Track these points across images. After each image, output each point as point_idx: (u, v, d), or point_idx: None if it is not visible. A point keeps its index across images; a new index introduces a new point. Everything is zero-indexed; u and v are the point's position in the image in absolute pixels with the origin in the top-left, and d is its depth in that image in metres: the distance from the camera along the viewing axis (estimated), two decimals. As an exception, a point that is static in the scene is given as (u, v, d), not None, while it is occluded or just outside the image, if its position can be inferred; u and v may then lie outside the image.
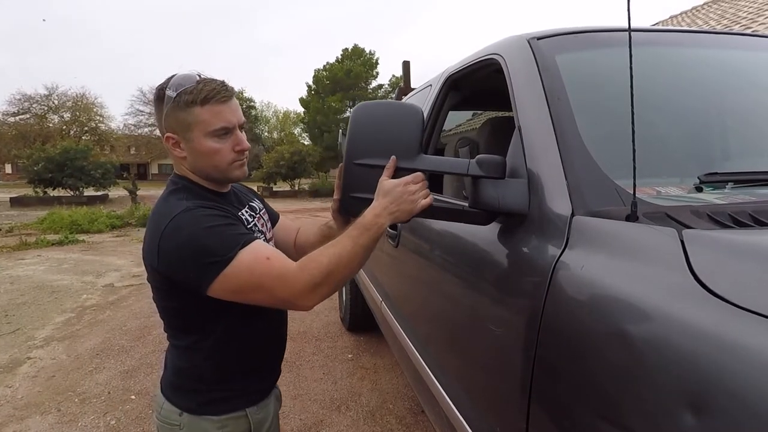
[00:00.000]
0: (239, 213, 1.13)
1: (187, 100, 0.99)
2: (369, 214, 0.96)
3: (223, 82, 1.04)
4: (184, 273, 0.96)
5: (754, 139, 1.28)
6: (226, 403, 1.11)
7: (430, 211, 1.13)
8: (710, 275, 0.62)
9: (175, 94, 0.99)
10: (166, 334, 1.16)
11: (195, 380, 1.11)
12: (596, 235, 0.84)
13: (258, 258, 0.94)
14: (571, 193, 0.93)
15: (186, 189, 1.06)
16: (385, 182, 0.99)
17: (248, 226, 1.13)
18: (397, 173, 1.02)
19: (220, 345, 1.09)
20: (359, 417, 2.65)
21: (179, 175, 1.11)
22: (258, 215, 1.23)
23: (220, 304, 0.99)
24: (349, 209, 1.08)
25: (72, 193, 18.91)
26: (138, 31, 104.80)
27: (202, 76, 1.02)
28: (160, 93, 1.03)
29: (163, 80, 1.04)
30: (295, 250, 1.32)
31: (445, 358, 1.43)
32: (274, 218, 1.39)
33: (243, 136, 1.08)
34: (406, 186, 0.98)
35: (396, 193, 0.97)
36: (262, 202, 1.35)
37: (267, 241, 1.23)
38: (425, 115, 2.07)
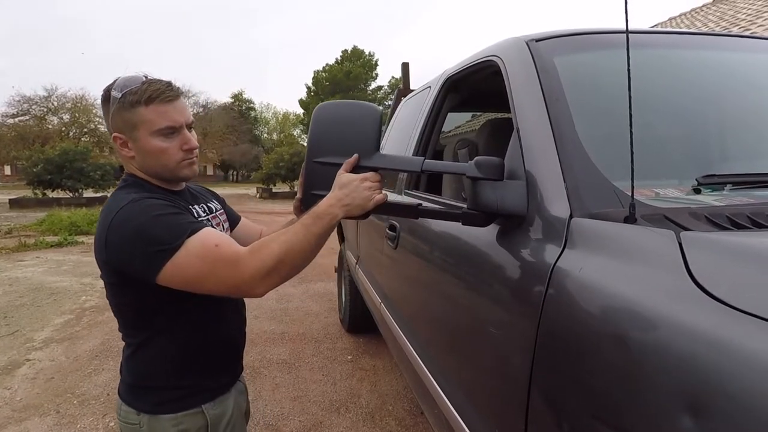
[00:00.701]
0: (190, 207, 1.13)
1: (132, 101, 1.00)
2: (323, 203, 0.98)
3: (169, 83, 1.05)
4: (132, 263, 0.96)
5: (753, 140, 1.28)
6: (180, 401, 1.10)
7: (430, 213, 1.14)
8: (708, 277, 0.62)
9: (120, 94, 1.00)
10: (120, 335, 1.15)
11: (147, 379, 1.10)
12: (594, 237, 0.84)
13: (206, 245, 0.94)
14: (570, 194, 0.93)
15: (136, 185, 1.07)
16: (343, 176, 1.00)
17: (199, 220, 1.12)
18: (356, 171, 1.04)
19: (173, 340, 1.09)
20: (358, 418, 2.65)
21: (130, 173, 1.11)
22: (213, 214, 1.23)
23: (171, 298, 1.00)
24: (309, 206, 1.08)
25: (71, 194, 18.89)
26: (138, 32, 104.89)
27: (148, 77, 1.03)
28: (107, 94, 1.03)
29: (110, 82, 1.04)
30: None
31: (444, 359, 1.43)
32: (234, 220, 1.38)
33: (191, 135, 1.08)
34: (363, 181, 1.00)
35: (352, 186, 0.99)
36: (223, 203, 1.35)
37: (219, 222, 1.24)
38: (425, 116, 2.08)
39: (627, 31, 0.82)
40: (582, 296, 0.79)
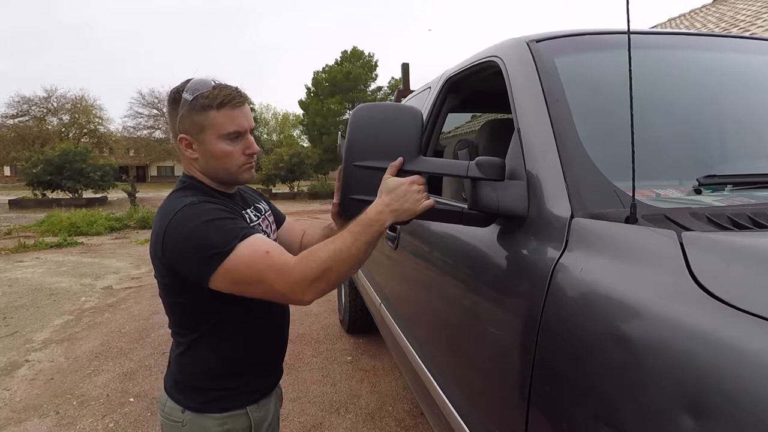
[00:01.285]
0: (243, 212, 1.15)
1: (203, 104, 1.02)
2: (372, 210, 0.97)
3: (237, 89, 1.08)
4: (186, 266, 0.98)
5: (753, 141, 1.28)
6: (227, 401, 1.12)
7: (430, 213, 1.13)
8: (709, 277, 0.62)
9: (191, 97, 1.03)
10: (170, 331, 1.18)
11: (197, 378, 1.12)
12: (595, 238, 0.84)
13: (257, 251, 0.96)
14: (571, 195, 0.93)
15: (193, 187, 1.09)
16: (390, 180, 0.98)
17: (251, 225, 1.14)
18: (397, 175, 1.02)
19: (222, 342, 1.11)
20: (358, 419, 2.65)
21: (187, 174, 1.13)
22: (263, 216, 1.25)
23: (223, 300, 1.01)
24: (348, 211, 1.08)
25: (71, 195, 18.91)
26: (137, 33, 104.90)
27: (216, 82, 1.06)
28: (176, 96, 1.06)
29: (178, 83, 1.07)
30: (300, 252, 1.34)
31: (444, 360, 1.43)
32: (280, 220, 1.40)
33: (253, 140, 1.11)
34: (411, 185, 0.98)
35: (400, 191, 0.97)
36: (269, 203, 1.37)
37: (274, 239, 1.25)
38: (425, 117, 2.07)
39: (629, 32, 0.82)
40: (583, 296, 0.79)
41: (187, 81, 1.06)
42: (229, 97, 1.04)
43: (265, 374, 1.22)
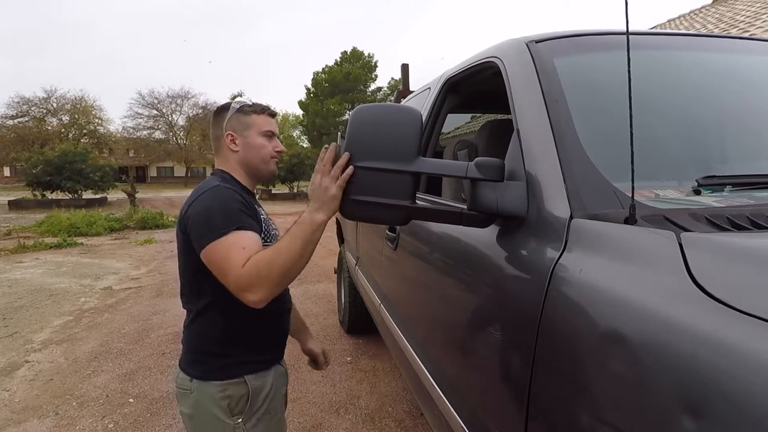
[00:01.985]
0: (258, 208, 1.34)
1: (249, 110, 1.35)
2: (305, 213, 1.09)
3: (270, 106, 1.41)
4: (192, 232, 1.18)
5: (752, 142, 1.28)
6: (226, 370, 1.26)
7: (430, 214, 1.13)
8: (708, 278, 0.62)
9: (238, 106, 1.35)
10: (181, 299, 1.34)
11: (201, 345, 1.29)
12: (595, 238, 0.84)
13: (237, 243, 1.12)
14: (570, 195, 0.93)
15: (223, 179, 1.31)
16: (309, 187, 1.12)
17: (264, 226, 1.31)
18: (395, 175, 1.02)
19: (223, 313, 1.25)
20: (358, 420, 2.65)
21: (223, 170, 1.37)
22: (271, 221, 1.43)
23: None
24: (348, 212, 1.08)
25: (70, 196, 18.90)
26: (137, 34, 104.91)
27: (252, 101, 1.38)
28: (224, 106, 1.38)
29: (227, 102, 1.39)
30: None
31: (443, 361, 1.43)
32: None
33: (279, 142, 1.41)
34: (318, 177, 1.07)
35: (314, 186, 1.08)
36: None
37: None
38: (424, 117, 2.07)
39: (627, 33, 0.82)
40: (582, 297, 0.79)
41: (231, 101, 1.38)
42: (267, 108, 1.39)
43: (264, 348, 1.34)
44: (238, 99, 1.37)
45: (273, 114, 1.41)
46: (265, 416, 1.30)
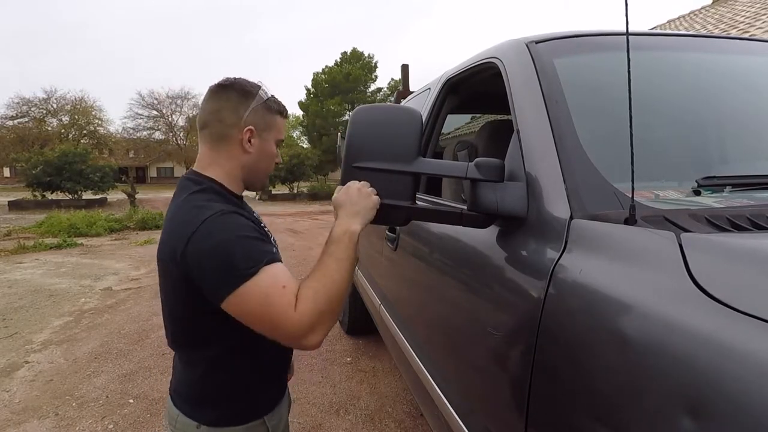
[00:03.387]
0: (258, 219, 1.13)
1: (276, 108, 1.11)
2: (336, 227, 0.97)
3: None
4: (204, 278, 0.92)
5: (752, 142, 1.28)
6: (243, 413, 1.09)
7: (430, 214, 1.13)
8: (708, 279, 0.62)
9: (266, 96, 1.09)
10: (174, 345, 1.12)
11: (209, 395, 1.08)
12: (595, 239, 0.84)
13: (275, 284, 0.91)
14: (570, 196, 0.93)
15: (212, 191, 1.03)
16: (336, 196, 1.02)
17: (270, 239, 1.10)
18: (395, 176, 1.02)
19: (234, 361, 1.07)
20: (358, 420, 2.64)
21: (203, 175, 1.06)
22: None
23: (227, 315, 0.95)
24: None
25: (70, 196, 18.89)
26: (137, 34, 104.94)
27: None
28: (253, 88, 1.08)
29: (245, 79, 1.11)
30: None
31: (443, 361, 1.43)
32: None
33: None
34: (355, 186, 1.01)
35: (351, 195, 1.00)
36: None
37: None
38: (424, 118, 2.08)
39: (627, 33, 0.82)
40: (582, 298, 0.79)
41: (258, 82, 1.11)
42: (286, 110, 1.15)
43: (277, 380, 1.20)
44: (262, 85, 1.12)
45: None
46: None
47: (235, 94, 1.06)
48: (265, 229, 1.13)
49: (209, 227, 0.91)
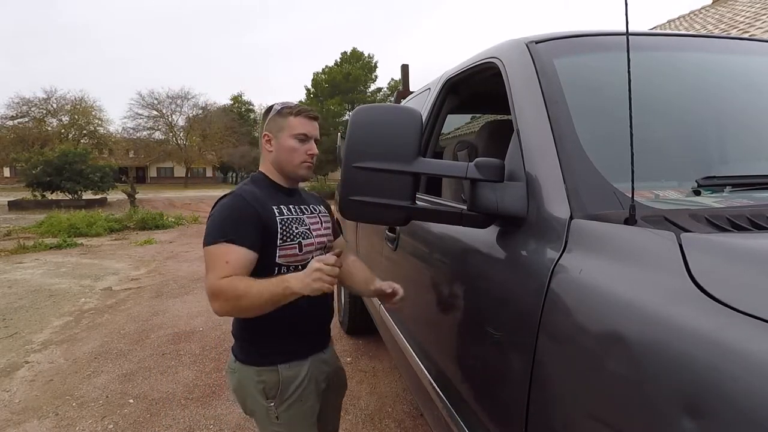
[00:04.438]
0: (285, 206, 1.39)
1: (286, 112, 1.38)
2: (288, 281, 1.20)
3: (313, 109, 1.44)
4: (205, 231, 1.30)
5: (752, 142, 1.28)
6: (261, 358, 1.38)
7: (430, 214, 1.13)
8: (708, 279, 0.62)
9: (279, 107, 1.39)
10: None
11: (241, 332, 1.41)
12: (594, 239, 0.84)
13: (223, 256, 1.24)
14: (570, 196, 0.93)
15: (255, 180, 1.43)
16: (312, 262, 1.20)
17: (281, 218, 1.35)
18: (395, 176, 1.02)
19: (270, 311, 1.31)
20: (358, 420, 2.64)
21: (260, 170, 1.46)
22: (314, 215, 1.47)
23: (260, 270, 1.27)
24: (349, 213, 1.08)
25: (70, 196, 18.89)
26: (137, 35, 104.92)
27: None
28: (269, 108, 1.43)
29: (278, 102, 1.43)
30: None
31: (444, 361, 1.43)
32: (334, 231, 1.60)
33: (314, 145, 1.41)
34: (316, 272, 1.17)
35: (308, 271, 1.18)
36: (329, 210, 1.58)
37: (322, 236, 1.46)
38: (424, 118, 2.07)
39: (627, 33, 0.82)
40: (582, 298, 0.79)
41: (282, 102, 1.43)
42: (304, 110, 1.40)
43: (297, 340, 1.40)
44: (283, 101, 1.43)
45: (312, 116, 1.40)
46: (296, 403, 1.38)
47: (263, 115, 1.46)
48: (302, 226, 1.39)
49: (222, 202, 1.34)
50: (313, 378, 1.42)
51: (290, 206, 1.40)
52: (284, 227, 1.34)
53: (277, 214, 1.34)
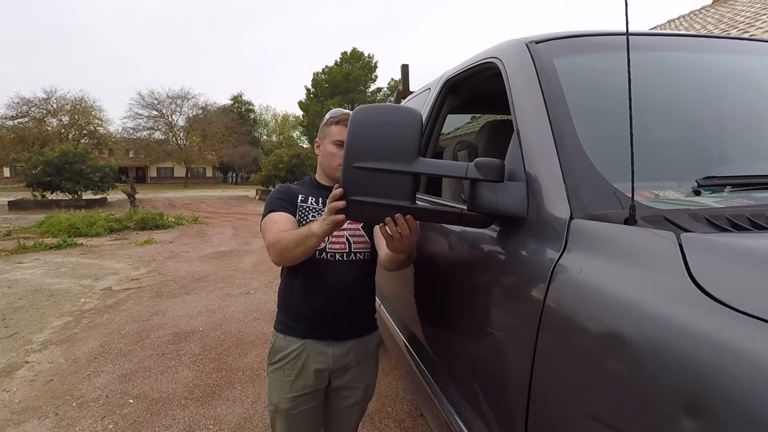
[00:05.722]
0: (315, 197, 1.59)
1: (331, 121, 1.59)
2: (312, 225, 1.32)
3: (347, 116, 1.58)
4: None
5: (752, 142, 1.28)
6: (277, 323, 1.62)
7: (430, 214, 1.13)
8: (708, 279, 0.62)
9: (327, 117, 1.62)
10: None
11: (277, 304, 1.65)
12: (594, 239, 0.84)
13: (270, 219, 1.49)
14: (570, 196, 0.93)
15: (302, 182, 1.68)
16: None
17: (300, 215, 1.56)
18: (395, 176, 1.03)
19: (289, 283, 1.59)
20: (358, 421, 2.64)
21: (311, 175, 1.72)
22: None
23: None
24: (349, 213, 1.08)
25: (70, 196, 18.90)
26: (137, 35, 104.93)
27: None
28: (326, 115, 1.65)
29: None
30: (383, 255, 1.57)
31: (444, 361, 1.43)
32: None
33: None
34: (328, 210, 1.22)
35: (324, 214, 1.27)
36: None
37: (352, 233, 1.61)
38: (424, 118, 2.07)
39: (627, 33, 0.82)
40: (582, 298, 0.79)
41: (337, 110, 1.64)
42: (344, 119, 1.56)
43: (299, 320, 1.57)
44: (336, 110, 1.65)
45: None
46: (278, 371, 1.57)
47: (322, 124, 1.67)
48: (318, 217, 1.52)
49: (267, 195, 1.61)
50: (303, 358, 1.55)
51: (320, 199, 1.59)
52: (301, 213, 1.56)
53: (300, 201, 1.57)
